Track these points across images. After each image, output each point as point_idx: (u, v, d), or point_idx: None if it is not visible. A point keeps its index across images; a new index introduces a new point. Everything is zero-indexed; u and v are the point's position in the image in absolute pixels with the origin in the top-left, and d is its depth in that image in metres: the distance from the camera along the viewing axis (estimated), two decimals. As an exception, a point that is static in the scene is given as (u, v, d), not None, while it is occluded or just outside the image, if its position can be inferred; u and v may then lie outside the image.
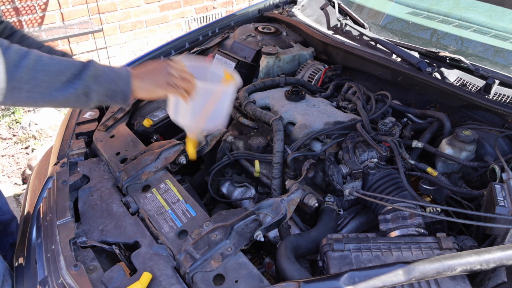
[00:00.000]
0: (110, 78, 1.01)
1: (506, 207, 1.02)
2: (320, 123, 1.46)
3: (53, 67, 0.96)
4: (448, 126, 1.44)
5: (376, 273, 0.89)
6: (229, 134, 1.55)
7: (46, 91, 0.95)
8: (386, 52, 1.87)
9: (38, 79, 0.94)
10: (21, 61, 0.92)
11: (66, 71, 0.97)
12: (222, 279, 1.00)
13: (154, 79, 1.07)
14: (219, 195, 1.56)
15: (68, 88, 0.97)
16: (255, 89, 1.73)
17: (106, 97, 1.02)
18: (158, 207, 1.24)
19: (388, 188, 1.27)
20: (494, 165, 1.20)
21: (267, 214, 1.16)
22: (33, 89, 0.94)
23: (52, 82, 0.95)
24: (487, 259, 0.89)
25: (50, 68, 0.95)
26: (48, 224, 1.26)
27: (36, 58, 0.94)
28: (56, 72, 0.96)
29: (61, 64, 0.97)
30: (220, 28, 2.30)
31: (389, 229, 1.16)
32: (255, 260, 1.47)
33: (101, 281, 1.04)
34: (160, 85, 1.07)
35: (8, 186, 3.04)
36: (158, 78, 1.07)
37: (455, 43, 1.96)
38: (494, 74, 1.60)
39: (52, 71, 0.95)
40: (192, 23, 4.70)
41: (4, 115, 3.81)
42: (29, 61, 0.93)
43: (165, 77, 1.07)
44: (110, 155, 1.47)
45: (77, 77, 0.97)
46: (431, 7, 2.19)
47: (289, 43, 2.06)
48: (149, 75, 1.07)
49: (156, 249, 1.12)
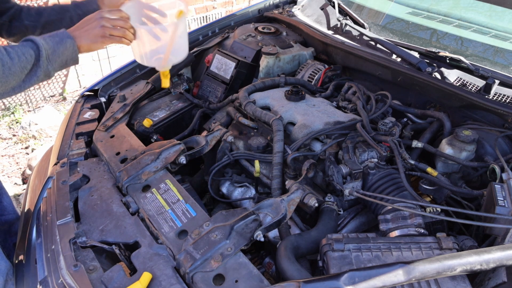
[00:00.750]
0: (59, 52, 1.16)
1: (506, 207, 1.02)
2: (320, 123, 1.46)
3: (17, 66, 1.09)
4: (448, 126, 1.44)
5: (376, 273, 0.89)
6: (229, 134, 1.55)
7: (17, 87, 1.13)
8: (386, 52, 1.87)
9: (9, 81, 1.10)
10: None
11: (27, 65, 1.11)
12: (222, 279, 1.00)
13: (91, 35, 1.21)
14: (219, 195, 1.56)
15: (33, 77, 1.14)
16: (255, 89, 1.73)
17: (60, 67, 1.20)
18: (158, 207, 1.24)
19: (388, 188, 1.27)
20: (494, 165, 1.20)
21: (267, 214, 1.16)
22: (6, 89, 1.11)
23: (19, 78, 1.11)
24: (487, 259, 0.89)
25: (15, 69, 1.09)
26: (48, 224, 1.26)
27: (2, 64, 1.07)
28: (20, 70, 1.10)
29: (21, 61, 1.10)
30: (220, 28, 2.30)
31: (389, 229, 1.16)
32: (255, 260, 1.47)
33: (101, 281, 1.04)
34: (97, 39, 1.22)
35: (8, 186, 3.04)
36: (94, 33, 1.21)
37: (455, 43, 1.96)
38: (494, 74, 1.60)
39: (17, 71, 1.10)
40: (192, 23, 4.70)
41: (4, 115, 3.81)
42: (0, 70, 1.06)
43: (99, 30, 1.21)
44: (110, 155, 1.47)
45: (36, 65, 1.13)
46: (431, 7, 2.19)
47: (289, 43, 2.06)
48: (86, 33, 1.21)
49: (156, 249, 1.12)
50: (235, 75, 1.91)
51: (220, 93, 1.92)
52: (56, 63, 1.17)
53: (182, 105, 1.94)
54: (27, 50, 1.12)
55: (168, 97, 1.98)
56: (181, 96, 1.99)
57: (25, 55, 1.11)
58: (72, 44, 1.19)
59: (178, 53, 1.39)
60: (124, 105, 1.77)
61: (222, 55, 1.97)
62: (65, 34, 1.19)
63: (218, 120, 1.76)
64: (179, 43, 1.36)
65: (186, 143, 1.48)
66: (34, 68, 1.13)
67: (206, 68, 2.01)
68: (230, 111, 1.71)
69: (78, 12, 1.50)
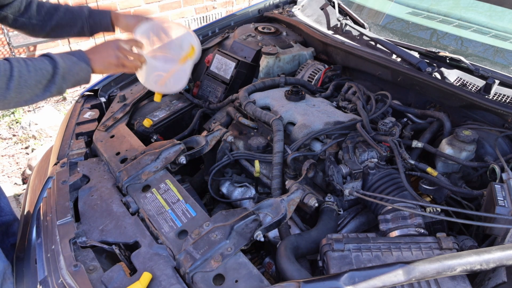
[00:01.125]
0: (74, 73, 1.22)
1: (506, 207, 1.02)
2: (320, 123, 1.46)
3: (33, 80, 1.14)
4: (448, 126, 1.44)
5: (376, 273, 0.89)
6: (229, 134, 1.55)
7: (29, 100, 1.18)
8: (386, 52, 1.87)
9: (23, 94, 1.14)
10: (9, 83, 1.10)
11: (43, 79, 1.16)
12: (222, 279, 1.00)
13: (106, 62, 1.30)
14: (219, 195, 1.56)
15: (46, 93, 1.19)
16: (255, 89, 1.73)
17: (73, 86, 1.26)
18: (158, 207, 1.24)
19: (388, 188, 1.27)
20: (494, 165, 1.20)
21: (267, 214, 1.16)
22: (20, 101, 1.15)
23: (33, 92, 1.16)
24: (487, 259, 0.89)
25: (31, 82, 1.14)
26: (48, 224, 1.26)
27: (18, 75, 1.11)
28: (35, 83, 1.15)
29: (38, 75, 1.15)
30: (220, 28, 2.31)
31: (389, 229, 1.16)
32: (255, 260, 1.47)
33: (101, 281, 1.04)
34: (111, 67, 1.32)
35: (8, 186, 3.04)
36: (109, 60, 1.30)
37: (455, 43, 1.96)
38: (494, 74, 1.60)
39: (32, 84, 1.14)
40: (192, 23, 4.70)
41: (4, 115, 3.81)
42: (15, 81, 1.11)
43: (114, 59, 1.30)
44: (110, 155, 1.47)
45: (51, 82, 1.18)
46: (431, 7, 2.19)
47: (289, 43, 2.06)
48: (101, 59, 1.29)
49: (156, 249, 1.12)
50: (235, 75, 1.91)
51: (220, 93, 1.92)
52: (70, 82, 1.23)
53: (182, 105, 1.94)
54: (44, 66, 1.16)
55: (168, 97, 1.98)
56: (181, 96, 1.99)
57: (42, 70, 1.16)
58: (87, 67, 1.25)
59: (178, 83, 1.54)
60: (124, 105, 1.77)
61: (222, 55, 1.97)
62: (82, 56, 1.25)
63: (218, 120, 1.76)
64: (182, 76, 1.51)
65: (186, 143, 1.48)
66: (49, 84, 1.18)
67: (206, 68, 2.01)
68: (230, 111, 1.71)
69: (90, 22, 1.51)
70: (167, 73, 1.47)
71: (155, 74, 1.45)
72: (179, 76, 1.51)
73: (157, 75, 1.46)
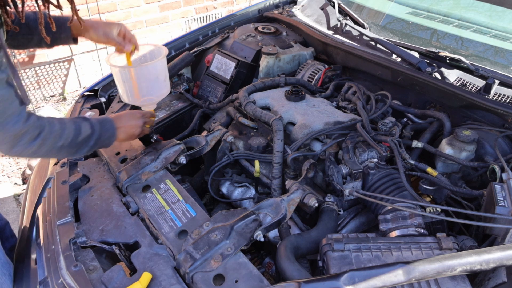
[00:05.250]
0: (104, 139, 1.29)
1: (506, 207, 1.02)
2: (320, 123, 1.46)
3: (73, 148, 1.21)
4: (448, 126, 1.44)
5: (376, 273, 0.89)
6: (229, 134, 1.55)
7: (62, 156, 1.38)
8: (386, 52, 1.87)
9: (59, 153, 1.21)
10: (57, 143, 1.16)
11: (80, 144, 1.22)
12: (222, 279, 1.00)
13: (129, 133, 1.38)
14: (219, 195, 1.56)
15: (77, 154, 1.26)
16: (255, 89, 1.73)
17: (96, 148, 1.32)
18: (158, 207, 1.24)
19: (388, 188, 1.27)
20: (494, 165, 1.20)
21: (267, 214, 1.16)
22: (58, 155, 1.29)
23: (67, 152, 1.22)
24: (487, 259, 0.89)
25: (71, 150, 1.21)
26: (48, 224, 1.26)
27: (68, 138, 1.18)
28: (75, 150, 1.22)
29: (74, 141, 1.20)
30: (220, 28, 2.30)
31: (389, 229, 1.16)
32: (255, 260, 1.47)
33: (101, 281, 1.04)
34: (131, 137, 1.41)
35: (8, 186, 3.04)
36: (132, 131, 1.38)
37: (455, 43, 1.96)
38: (494, 74, 1.60)
39: (73, 151, 1.22)
40: (192, 23, 4.70)
41: (4, 115, 3.80)
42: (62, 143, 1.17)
43: (137, 131, 1.40)
44: (110, 155, 1.47)
45: (85, 145, 1.24)
46: (431, 7, 2.19)
47: (289, 43, 2.06)
48: (127, 130, 1.37)
49: (156, 249, 1.12)
50: (235, 75, 1.91)
51: (220, 93, 1.92)
52: (98, 147, 1.31)
53: (182, 105, 1.94)
54: (85, 131, 1.23)
55: (168, 97, 1.98)
56: (181, 96, 1.99)
57: (79, 137, 1.22)
58: (114, 134, 1.32)
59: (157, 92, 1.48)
60: (124, 105, 1.77)
61: (222, 55, 1.97)
62: (112, 126, 1.32)
63: (218, 120, 1.76)
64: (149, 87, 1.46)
65: (186, 143, 1.48)
66: (82, 147, 1.24)
67: (206, 68, 2.01)
68: (230, 111, 1.71)
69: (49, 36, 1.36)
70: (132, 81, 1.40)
71: None
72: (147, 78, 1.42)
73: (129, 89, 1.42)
